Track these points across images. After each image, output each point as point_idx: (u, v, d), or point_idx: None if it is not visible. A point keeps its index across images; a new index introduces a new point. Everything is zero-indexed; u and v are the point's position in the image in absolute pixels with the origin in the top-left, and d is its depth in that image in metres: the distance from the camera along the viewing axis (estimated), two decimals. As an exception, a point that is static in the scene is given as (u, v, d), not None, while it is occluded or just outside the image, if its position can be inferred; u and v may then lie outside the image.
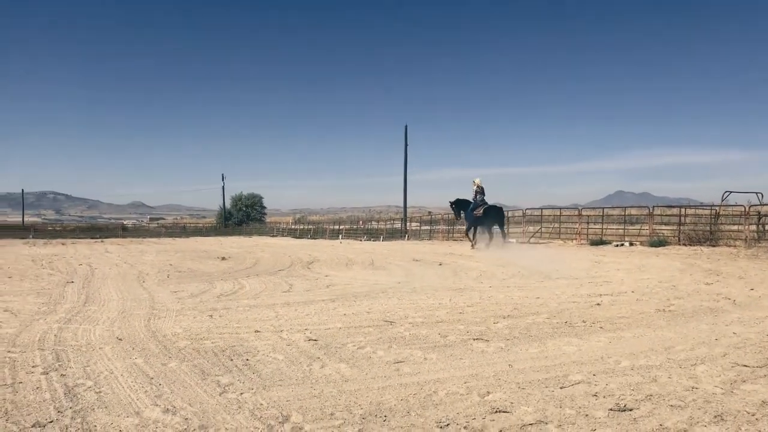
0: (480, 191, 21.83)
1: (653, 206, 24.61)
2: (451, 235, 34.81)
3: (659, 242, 20.49)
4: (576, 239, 24.97)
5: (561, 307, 8.07)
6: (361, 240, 40.68)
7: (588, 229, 26.15)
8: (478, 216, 21.52)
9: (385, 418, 3.71)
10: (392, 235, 42.51)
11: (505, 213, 25.20)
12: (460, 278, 12.25)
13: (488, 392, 4.20)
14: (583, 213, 27.18)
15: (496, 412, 3.80)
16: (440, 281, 11.65)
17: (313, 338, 6.06)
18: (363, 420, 3.67)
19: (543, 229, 28.60)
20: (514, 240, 24.95)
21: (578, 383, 4.41)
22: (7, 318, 7.47)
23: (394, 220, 54.99)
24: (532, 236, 27.49)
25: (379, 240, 39.10)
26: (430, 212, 55.34)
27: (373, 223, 55.28)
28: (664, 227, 24.24)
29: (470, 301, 8.69)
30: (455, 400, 4.05)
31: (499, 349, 5.60)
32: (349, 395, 4.15)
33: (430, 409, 3.86)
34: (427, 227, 43.61)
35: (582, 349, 5.59)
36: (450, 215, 29.98)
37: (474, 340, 5.99)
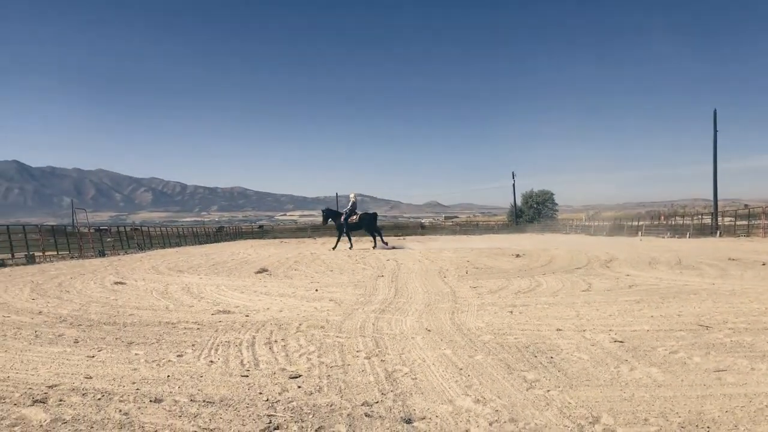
0: (354, 204, 26.33)
1: None
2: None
3: None
4: None
5: None
6: (663, 237, 37.87)
7: None
8: (354, 222, 25.63)
9: (707, 429, 3.42)
10: (700, 231, 38.77)
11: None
12: (789, 280, 10.70)
13: (838, 413, 3.61)
14: None
15: None
16: (765, 284, 10.31)
17: (619, 339, 5.80)
18: (681, 429, 3.43)
19: None
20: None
21: None
22: (332, 307, 8.47)
23: (701, 214, 50.23)
24: None
25: (685, 237, 35.98)
26: (746, 205, 49.40)
27: (677, 218, 50.99)
28: None
29: (805, 307, 7.55)
30: (794, 418, 3.56)
31: None
32: (663, 401, 3.90)
33: (762, 425, 3.45)
34: (744, 222, 38.94)
35: None
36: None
37: (814, 351, 5.19)
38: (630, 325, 6.63)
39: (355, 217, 25.89)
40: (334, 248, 25.29)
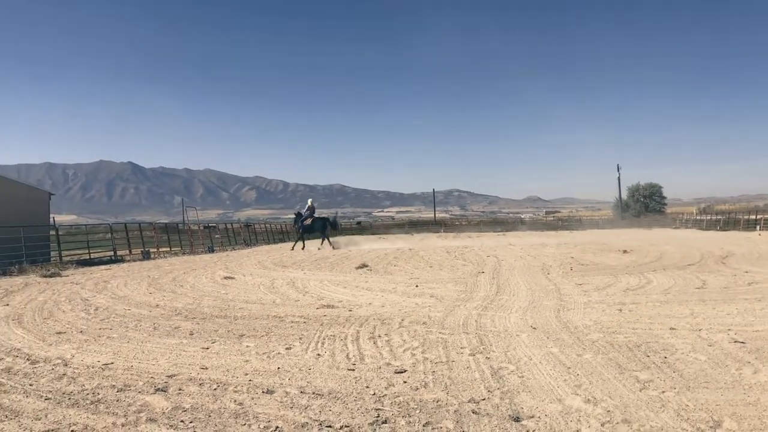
0: (311, 208, 28.51)
1: None
2: None
3: None
4: None
5: None
6: (784, 231, 35.41)
7: None
8: (307, 224, 27.86)
9: None
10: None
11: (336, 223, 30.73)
12: None
13: None
14: None
15: None
16: None
17: (740, 340, 5.48)
18: (815, 438, 3.19)
19: None
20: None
21: None
22: (433, 303, 8.47)
23: (828, 207, 46.49)
24: None
25: (810, 231, 33.48)
26: None
27: (800, 211, 47.48)
28: None
29: None
30: None
31: None
32: (793, 407, 3.65)
33: None
34: None
35: None
36: None
37: None
38: (751, 325, 6.25)
39: (309, 220, 28.34)
40: (302, 248, 26.19)
